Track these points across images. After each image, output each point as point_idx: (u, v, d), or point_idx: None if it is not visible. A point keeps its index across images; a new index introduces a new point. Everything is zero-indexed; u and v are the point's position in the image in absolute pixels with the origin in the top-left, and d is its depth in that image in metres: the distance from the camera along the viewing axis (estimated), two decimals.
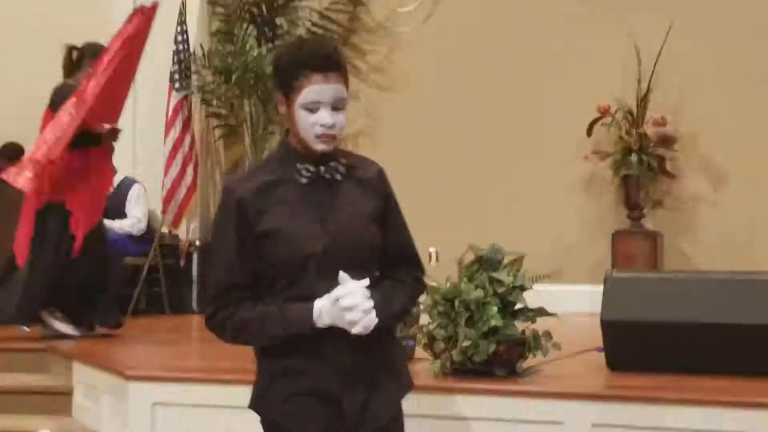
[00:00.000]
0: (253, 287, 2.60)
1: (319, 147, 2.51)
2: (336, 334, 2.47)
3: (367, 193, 2.60)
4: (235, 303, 2.58)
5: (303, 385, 2.58)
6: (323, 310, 2.44)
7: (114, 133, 6.42)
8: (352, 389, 2.53)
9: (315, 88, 2.48)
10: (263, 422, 2.70)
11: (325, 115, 2.48)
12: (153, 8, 6.24)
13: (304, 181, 2.54)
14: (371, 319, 2.42)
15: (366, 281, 2.44)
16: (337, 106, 2.50)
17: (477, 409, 3.87)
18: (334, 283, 2.42)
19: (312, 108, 2.48)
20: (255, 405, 2.70)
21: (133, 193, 8.56)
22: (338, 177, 2.57)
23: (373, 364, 2.56)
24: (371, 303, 2.42)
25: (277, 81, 2.58)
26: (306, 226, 2.53)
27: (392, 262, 2.64)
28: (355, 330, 2.41)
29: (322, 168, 2.55)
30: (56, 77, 10.18)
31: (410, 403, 3.32)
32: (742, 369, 4.05)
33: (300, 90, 2.49)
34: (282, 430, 2.64)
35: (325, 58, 2.51)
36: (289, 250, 2.51)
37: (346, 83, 2.55)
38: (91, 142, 6.08)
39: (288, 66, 2.55)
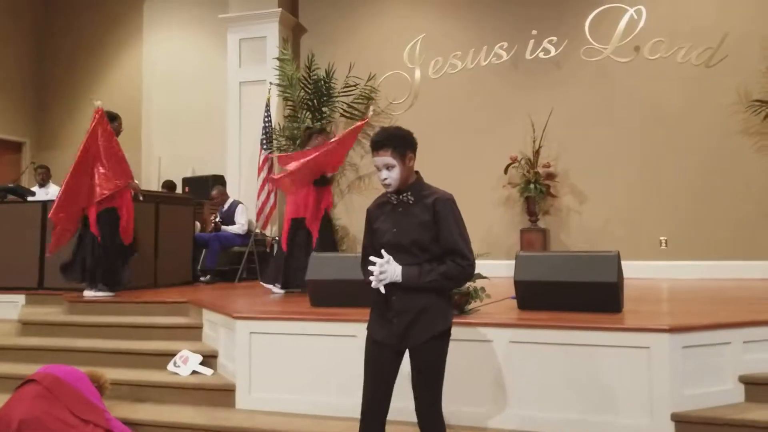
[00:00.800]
0: (376, 254, 2.75)
1: (386, 189, 2.77)
2: (392, 290, 2.68)
3: (425, 211, 2.71)
4: (366, 260, 2.80)
5: (377, 311, 2.80)
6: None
7: (332, 179, 6.57)
8: (399, 317, 2.69)
9: (374, 159, 2.70)
10: None
11: (382, 174, 2.70)
12: (365, 121, 6.56)
13: (394, 202, 2.76)
14: (378, 281, 2.65)
15: (387, 258, 2.65)
16: (388, 167, 2.69)
17: None
18: (395, 257, 2.67)
19: (378, 168, 2.71)
20: None
21: (239, 209, 8.53)
22: (410, 201, 2.74)
23: (416, 306, 2.68)
24: (382, 273, 2.64)
25: None
26: (386, 226, 2.75)
27: (444, 252, 2.69)
28: (372, 285, 2.66)
29: (400, 196, 2.75)
30: (198, 140, 10.35)
31: None
32: (590, 307, 4.04)
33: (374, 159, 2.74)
34: (369, 333, 2.83)
35: (375, 142, 2.71)
36: (377, 238, 2.81)
37: (394, 153, 2.68)
38: (322, 183, 6.20)
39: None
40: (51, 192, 8.29)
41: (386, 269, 2.64)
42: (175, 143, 10.75)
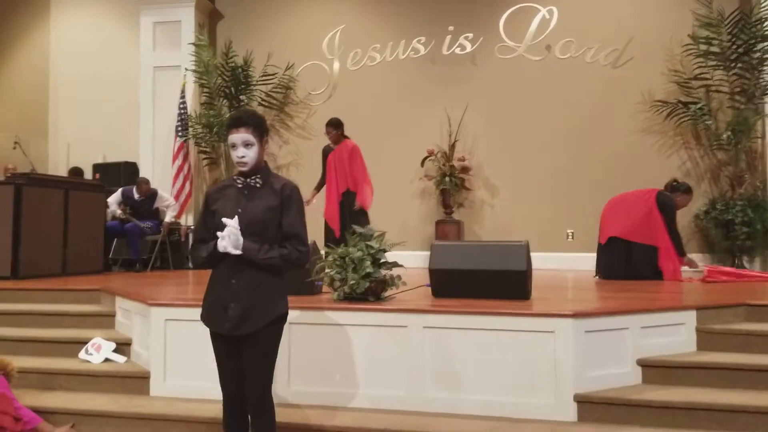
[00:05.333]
0: (209, 236, 2.76)
1: (240, 169, 2.75)
2: (233, 272, 2.70)
3: (273, 195, 2.73)
4: (200, 244, 2.83)
5: (213, 298, 2.78)
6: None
7: None
8: (237, 302, 2.68)
9: (232, 137, 2.68)
10: None
11: (238, 151, 2.68)
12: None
13: (239, 185, 2.76)
14: (228, 239, 2.60)
15: (230, 222, 2.61)
16: (246, 145, 2.68)
17: (359, 320, 3.88)
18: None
19: (234, 146, 2.68)
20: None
21: (161, 194, 8.42)
22: (258, 185, 2.75)
23: (253, 292, 2.69)
24: (232, 235, 2.60)
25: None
26: (228, 208, 2.72)
27: (285, 237, 2.74)
28: (220, 246, 2.63)
29: (247, 179, 2.75)
30: (109, 125, 9.96)
31: (322, 316, 3.41)
32: (500, 295, 4.19)
33: (228, 137, 2.71)
34: (207, 326, 2.84)
35: (236, 119, 2.69)
36: (217, 218, 2.72)
37: (255, 132, 2.67)
38: None
39: (225, 125, 2.75)
40: None
41: (236, 232, 2.61)
42: (85, 128, 10.34)
